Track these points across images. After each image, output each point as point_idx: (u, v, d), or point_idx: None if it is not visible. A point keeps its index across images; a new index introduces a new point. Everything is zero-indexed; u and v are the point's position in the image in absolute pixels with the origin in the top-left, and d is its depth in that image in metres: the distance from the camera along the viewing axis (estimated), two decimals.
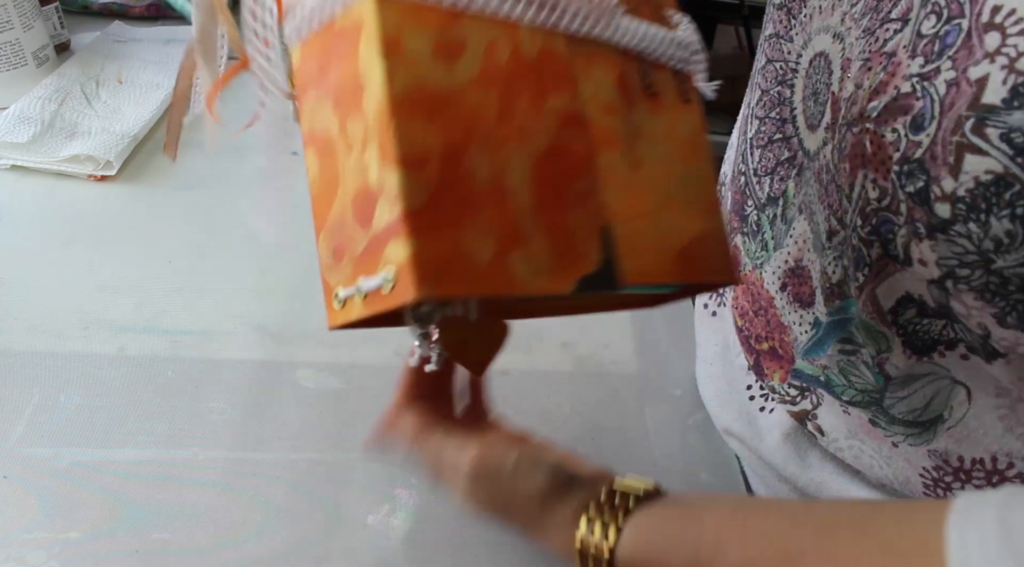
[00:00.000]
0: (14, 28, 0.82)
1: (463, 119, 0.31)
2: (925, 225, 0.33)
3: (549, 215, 0.32)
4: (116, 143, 0.77)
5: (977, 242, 0.32)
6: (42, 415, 0.55)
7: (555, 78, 0.35)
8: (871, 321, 0.40)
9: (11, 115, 0.79)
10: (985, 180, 0.30)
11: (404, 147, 0.28)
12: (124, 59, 0.91)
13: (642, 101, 0.38)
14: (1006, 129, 0.29)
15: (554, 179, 0.33)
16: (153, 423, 0.55)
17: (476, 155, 0.31)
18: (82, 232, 0.71)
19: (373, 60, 0.30)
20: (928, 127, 0.32)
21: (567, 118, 0.34)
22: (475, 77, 0.32)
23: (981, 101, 0.30)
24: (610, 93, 0.36)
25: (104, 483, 0.52)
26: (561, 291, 0.31)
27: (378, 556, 0.49)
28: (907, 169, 0.33)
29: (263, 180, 0.79)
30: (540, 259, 0.31)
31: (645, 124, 0.37)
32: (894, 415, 0.43)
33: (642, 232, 0.35)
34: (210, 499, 0.51)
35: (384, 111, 0.29)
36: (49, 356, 0.59)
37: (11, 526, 0.49)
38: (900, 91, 0.34)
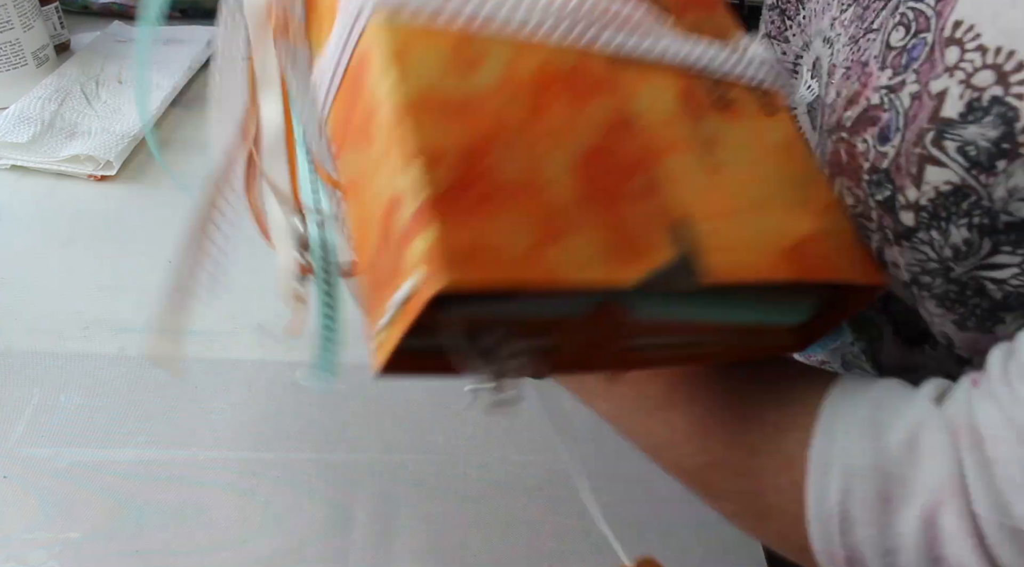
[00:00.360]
0: (14, 28, 0.82)
1: (482, 122, 0.29)
2: (893, 232, 0.34)
3: (599, 209, 0.30)
4: (116, 143, 0.77)
5: (938, 249, 0.33)
6: (42, 415, 0.55)
7: (593, 89, 0.33)
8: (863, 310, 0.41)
9: (11, 115, 0.79)
10: (944, 190, 0.31)
11: (416, 142, 0.27)
12: (124, 59, 0.91)
13: (713, 112, 0.36)
14: (961, 142, 0.30)
15: (604, 176, 0.31)
16: (153, 423, 0.55)
17: (502, 153, 0.29)
18: (82, 232, 0.71)
19: (380, 76, 0.29)
20: (893, 139, 0.33)
21: (614, 122, 0.33)
22: (495, 87, 0.30)
23: (940, 114, 0.31)
24: (670, 105, 0.35)
25: (104, 483, 0.52)
26: (623, 283, 0.29)
27: (378, 556, 0.49)
28: (875, 178, 0.34)
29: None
30: (591, 251, 0.29)
31: (720, 132, 0.35)
32: None
33: (730, 230, 0.32)
34: (210, 499, 0.51)
35: (393, 117, 0.28)
36: (49, 356, 0.59)
37: (11, 526, 0.49)
38: (870, 102, 0.35)
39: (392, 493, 0.52)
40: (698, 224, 0.31)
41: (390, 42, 0.29)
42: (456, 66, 0.30)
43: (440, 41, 0.30)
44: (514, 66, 0.31)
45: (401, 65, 0.29)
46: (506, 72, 0.31)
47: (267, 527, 0.50)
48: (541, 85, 0.31)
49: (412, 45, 0.30)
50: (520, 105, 0.30)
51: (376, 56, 0.29)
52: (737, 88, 0.37)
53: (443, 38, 0.30)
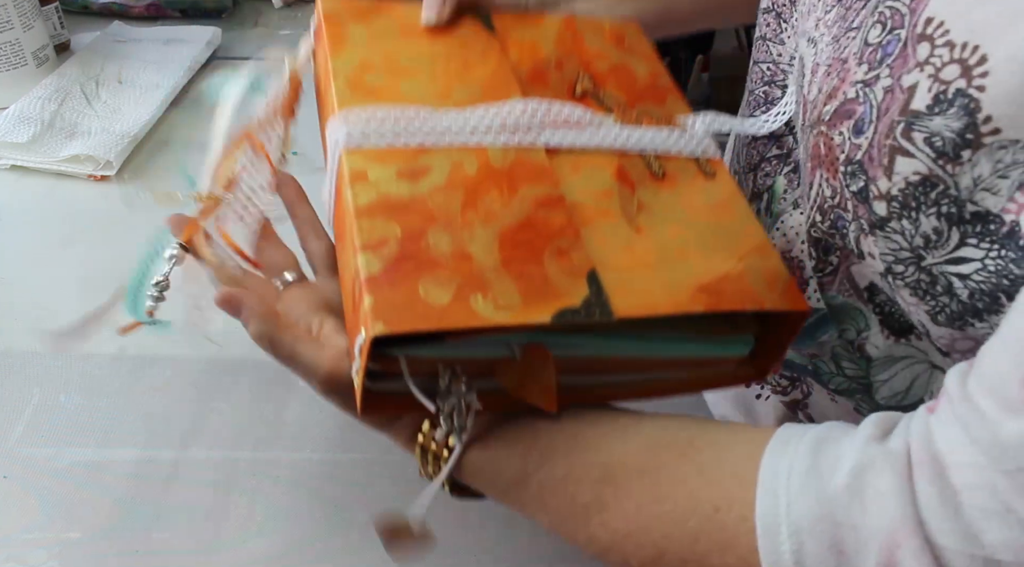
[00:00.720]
0: (14, 28, 0.82)
1: (424, 213, 0.39)
2: (867, 222, 0.35)
3: (519, 267, 0.37)
4: (116, 143, 0.77)
5: (909, 238, 0.34)
6: (42, 415, 0.55)
7: (531, 177, 0.42)
8: (849, 299, 0.41)
9: (11, 115, 0.79)
10: (913, 180, 0.32)
11: (362, 238, 0.37)
12: (124, 59, 0.91)
13: (650, 183, 0.44)
14: (928, 133, 0.32)
15: (526, 243, 0.39)
16: (153, 423, 0.55)
17: (436, 234, 0.38)
18: (82, 232, 0.71)
19: (346, 191, 0.39)
20: (867, 131, 0.34)
21: (544, 201, 0.41)
22: (440, 186, 0.40)
23: (910, 107, 0.32)
24: (605, 182, 0.43)
25: (104, 483, 0.52)
26: (534, 321, 0.35)
27: (378, 556, 0.49)
28: (850, 169, 0.35)
29: None
30: (506, 299, 0.36)
31: (653, 199, 0.43)
32: (878, 401, 0.44)
33: (644, 276, 0.39)
34: (210, 499, 0.51)
35: (353, 220, 0.38)
36: (49, 356, 0.59)
37: (11, 526, 0.49)
38: (847, 96, 0.36)
39: (392, 493, 0.52)
40: (612, 272, 0.38)
41: (352, 166, 0.40)
42: (405, 176, 0.40)
43: (393, 160, 0.41)
44: (457, 170, 0.41)
45: (359, 183, 0.40)
46: (450, 175, 0.41)
47: (267, 527, 0.50)
48: (479, 181, 0.41)
49: (370, 166, 0.41)
50: (456, 199, 0.40)
51: (344, 176, 0.40)
52: (677, 160, 0.46)
53: (397, 156, 0.41)
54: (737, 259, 0.41)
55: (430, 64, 0.48)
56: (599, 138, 0.45)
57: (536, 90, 0.48)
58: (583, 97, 0.49)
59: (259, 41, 1.02)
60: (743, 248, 0.42)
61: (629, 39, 0.55)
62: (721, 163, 0.47)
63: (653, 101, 0.49)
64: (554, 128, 0.45)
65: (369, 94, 0.45)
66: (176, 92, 0.88)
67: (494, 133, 0.43)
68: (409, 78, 0.47)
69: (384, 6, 0.52)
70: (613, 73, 0.51)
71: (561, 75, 0.50)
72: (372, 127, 0.42)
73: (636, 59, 0.53)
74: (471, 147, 0.43)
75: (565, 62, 0.51)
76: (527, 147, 0.43)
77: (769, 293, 0.40)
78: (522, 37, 0.52)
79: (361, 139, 0.42)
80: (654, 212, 0.43)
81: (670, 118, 0.48)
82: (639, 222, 0.42)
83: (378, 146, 0.42)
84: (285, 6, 1.09)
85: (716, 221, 0.43)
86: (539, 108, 0.45)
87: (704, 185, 0.45)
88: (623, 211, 0.42)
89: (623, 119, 0.47)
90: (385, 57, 0.48)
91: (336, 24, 0.50)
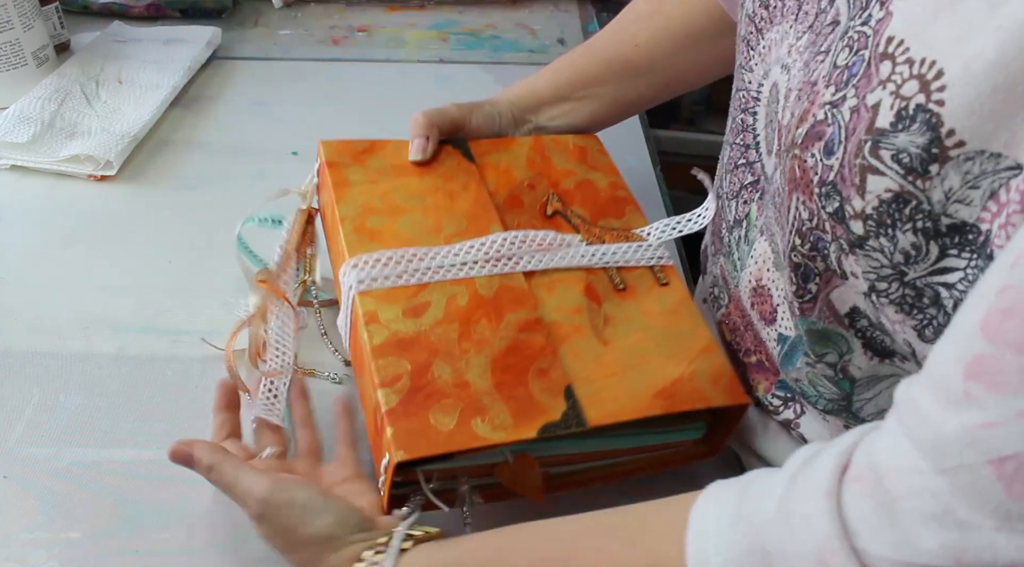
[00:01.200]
0: (14, 28, 0.82)
1: (428, 347, 0.47)
2: (846, 242, 0.35)
3: (508, 390, 0.46)
4: (116, 143, 0.77)
5: (889, 255, 0.34)
6: (42, 415, 0.55)
7: (513, 302, 0.50)
8: (830, 326, 0.41)
9: (11, 115, 0.79)
10: (886, 197, 0.33)
11: (380, 375, 0.46)
12: (124, 59, 0.91)
13: (614, 296, 0.53)
14: (895, 150, 0.32)
15: (513, 366, 0.47)
16: (153, 423, 0.55)
17: (439, 366, 0.46)
18: (82, 232, 0.71)
19: (362, 331, 0.48)
20: (837, 151, 0.34)
21: (526, 324, 0.49)
22: (439, 320, 0.49)
23: (875, 125, 0.33)
24: (576, 300, 0.52)
25: (104, 483, 0.52)
26: (522, 437, 0.44)
27: None
28: (824, 191, 0.35)
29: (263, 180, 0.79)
30: (500, 419, 0.44)
31: (616, 311, 0.52)
32: (864, 418, 0.44)
33: (611, 386, 0.47)
34: (210, 499, 0.51)
35: (370, 358, 0.46)
36: (49, 356, 0.59)
37: (11, 526, 0.49)
38: (816, 118, 0.36)
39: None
40: (585, 385, 0.47)
41: (365, 308, 0.49)
42: (409, 314, 0.49)
43: (399, 298, 0.50)
44: (451, 303, 0.50)
45: (372, 324, 0.48)
46: (446, 309, 0.49)
47: None
48: (470, 311, 0.49)
49: (380, 308, 0.49)
50: (452, 330, 0.48)
51: (359, 317, 0.49)
52: (636, 271, 0.54)
53: (401, 295, 0.50)
54: (688, 362, 0.49)
55: (421, 201, 0.56)
56: (568, 258, 0.54)
57: (513, 214, 0.57)
58: (553, 216, 0.58)
59: (259, 41, 1.02)
60: (693, 351, 0.50)
61: (591, 154, 0.64)
62: (673, 270, 0.55)
63: (614, 215, 0.58)
64: (531, 254, 0.53)
65: (372, 237, 0.53)
66: (176, 92, 0.88)
67: (480, 265, 0.52)
68: (404, 216, 0.55)
69: (378, 144, 0.61)
70: (579, 189, 0.60)
71: (534, 196, 0.59)
72: (379, 271, 0.51)
73: (598, 174, 0.62)
74: (461, 279, 0.51)
75: (536, 183, 0.60)
76: (508, 274, 0.52)
77: (715, 391, 0.48)
78: (498, 161, 0.61)
79: (371, 283, 0.50)
80: (618, 324, 0.51)
81: (628, 230, 0.57)
82: (606, 335, 0.50)
83: (384, 287, 0.50)
84: (285, 6, 1.09)
85: (670, 327, 0.51)
86: (516, 237, 0.54)
87: (659, 293, 0.53)
88: (592, 326, 0.50)
89: (588, 237, 0.56)
90: (382, 198, 0.56)
91: (338, 169, 0.58)
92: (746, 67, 0.49)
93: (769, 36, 0.46)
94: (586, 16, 1.12)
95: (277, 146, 0.83)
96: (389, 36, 1.05)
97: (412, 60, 1.00)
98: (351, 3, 1.11)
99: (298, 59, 0.99)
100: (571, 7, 1.14)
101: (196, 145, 0.83)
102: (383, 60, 1.00)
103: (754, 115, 0.49)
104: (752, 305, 0.48)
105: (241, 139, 0.84)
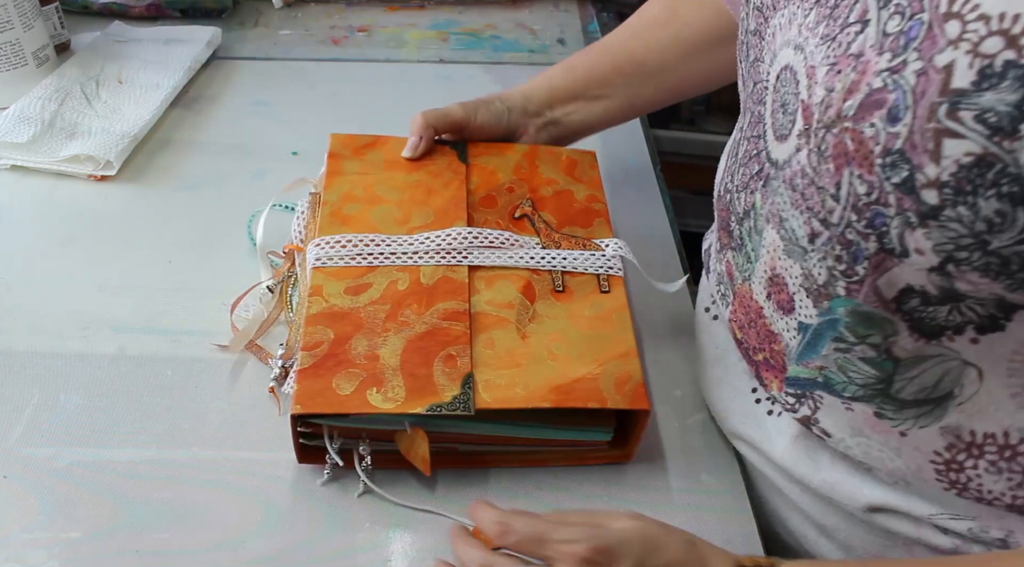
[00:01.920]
0: (14, 28, 0.82)
1: (355, 322, 0.52)
2: (916, 213, 0.34)
3: (411, 369, 0.50)
4: (116, 143, 0.77)
5: (969, 224, 0.32)
6: (42, 415, 0.55)
7: (448, 292, 0.54)
8: (875, 310, 0.40)
9: (11, 115, 0.79)
10: (966, 162, 0.31)
11: (306, 339, 0.51)
12: (124, 59, 0.91)
13: (548, 296, 0.56)
14: (979, 110, 0.30)
15: (424, 349, 0.51)
16: (153, 423, 0.55)
17: (358, 339, 0.51)
18: (82, 232, 0.71)
19: (305, 301, 0.54)
20: (904, 117, 0.33)
21: (452, 314, 0.53)
22: (374, 300, 0.54)
23: (951, 86, 0.31)
24: (511, 296, 0.55)
25: (104, 483, 0.52)
26: (409, 411, 0.48)
27: (378, 556, 0.49)
28: (890, 161, 0.34)
29: (263, 180, 0.79)
30: (394, 393, 0.49)
31: (545, 310, 0.55)
32: (904, 398, 0.43)
33: (510, 377, 0.50)
34: (210, 499, 0.51)
35: (303, 325, 0.52)
36: (49, 356, 0.59)
37: (11, 526, 0.49)
38: (872, 87, 0.35)
39: (391, 493, 0.52)
40: (487, 373, 0.50)
41: (314, 282, 0.54)
42: (350, 291, 0.54)
43: (346, 277, 0.55)
44: (391, 287, 0.55)
45: (315, 296, 0.54)
46: (384, 291, 0.54)
47: (267, 527, 0.50)
48: (405, 296, 0.54)
49: (326, 283, 0.55)
50: (382, 311, 0.53)
51: (309, 288, 0.54)
52: (582, 277, 0.58)
53: (350, 274, 0.55)
54: (598, 364, 0.52)
55: (399, 193, 0.61)
56: (516, 259, 0.58)
57: (482, 212, 0.61)
58: (520, 219, 0.61)
59: (259, 41, 1.02)
60: (607, 355, 0.53)
61: (580, 167, 0.67)
62: (620, 280, 0.58)
63: (581, 224, 0.62)
64: (480, 250, 0.57)
65: (344, 222, 0.58)
66: (176, 92, 0.88)
67: (429, 255, 0.56)
68: (379, 206, 0.60)
69: (381, 139, 0.66)
70: (555, 197, 0.63)
71: (509, 199, 0.62)
72: (336, 251, 0.56)
73: (579, 185, 0.65)
74: (408, 267, 0.56)
75: (516, 187, 0.63)
76: (454, 266, 0.56)
77: (615, 394, 0.50)
78: (486, 164, 0.65)
79: (326, 260, 0.56)
80: (542, 322, 0.54)
81: (589, 240, 0.60)
82: (527, 330, 0.53)
83: (338, 266, 0.55)
84: (285, 6, 1.09)
85: (593, 330, 0.54)
86: (470, 234, 0.58)
87: (596, 299, 0.57)
88: (517, 321, 0.54)
89: (546, 241, 0.59)
90: (365, 188, 0.61)
91: (336, 160, 0.63)
92: (761, 59, 0.48)
93: (774, 22, 0.46)
94: (586, 16, 1.12)
95: (277, 146, 0.83)
96: (389, 36, 1.05)
97: (412, 60, 1.00)
98: (351, 3, 1.11)
99: (298, 59, 0.99)
100: (571, 7, 1.14)
101: (196, 145, 0.83)
102: (383, 60, 1.00)
103: (763, 104, 0.48)
104: (769, 295, 0.47)
105: (241, 139, 0.84)
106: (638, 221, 0.76)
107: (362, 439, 0.51)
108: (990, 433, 0.41)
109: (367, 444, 0.51)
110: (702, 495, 0.54)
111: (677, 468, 0.56)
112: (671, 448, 0.57)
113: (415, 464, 0.51)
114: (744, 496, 0.55)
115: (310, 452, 0.52)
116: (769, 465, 0.54)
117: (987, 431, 0.41)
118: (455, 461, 0.53)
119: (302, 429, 0.50)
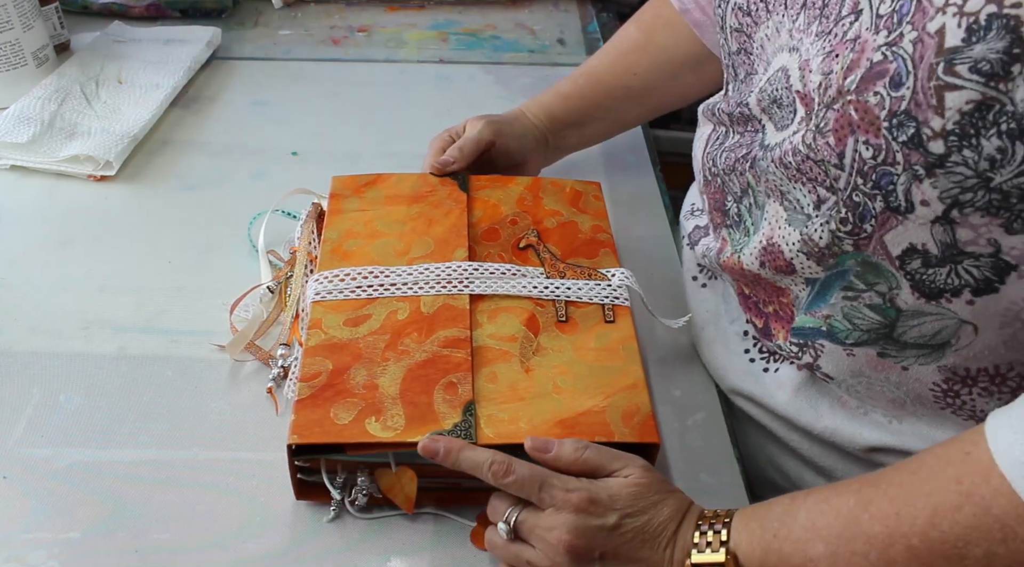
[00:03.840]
0: (14, 28, 0.82)
1: (354, 352, 0.52)
2: (923, 166, 0.37)
3: (412, 397, 0.49)
4: (116, 143, 0.77)
5: (974, 165, 0.36)
6: (42, 415, 0.55)
7: (449, 320, 0.53)
8: (882, 262, 0.43)
9: (11, 115, 0.79)
10: (967, 109, 0.35)
11: (304, 370, 0.50)
12: (124, 59, 0.91)
13: (552, 328, 0.55)
14: (972, 62, 0.34)
15: (424, 376, 0.50)
16: (153, 423, 0.55)
17: (357, 370, 0.51)
18: (82, 232, 0.71)
19: (305, 334, 0.54)
20: (907, 81, 0.36)
21: (453, 341, 0.52)
22: (374, 330, 0.53)
23: (944, 46, 0.35)
24: (514, 328, 0.54)
25: (104, 483, 0.52)
26: (410, 439, 0.47)
27: (378, 556, 0.49)
28: (896, 121, 0.37)
29: (263, 180, 0.79)
30: (394, 421, 0.48)
31: (550, 343, 0.54)
32: (906, 341, 0.46)
33: (514, 410, 0.49)
34: (210, 499, 0.51)
35: (301, 357, 0.52)
36: (49, 356, 0.59)
37: (11, 526, 0.49)
38: (873, 61, 0.38)
39: None
40: (490, 405, 0.49)
41: (313, 315, 0.54)
42: (349, 323, 0.54)
43: (345, 309, 0.55)
44: (391, 317, 0.54)
45: (314, 329, 0.53)
46: (384, 322, 0.54)
47: (267, 527, 0.50)
48: (405, 325, 0.53)
49: (325, 316, 0.54)
50: (382, 341, 0.52)
51: (308, 322, 0.54)
52: (587, 307, 0.56)
53: (349, 306, 0.55)
54: (604, 397, 0.50)
55: (400, 226, 0.61)
56: (519, 288, 0.56)
57: (485, 245, 0.60)
58: (525, 249, 0.60)
59: (259, 41, 1.02)
60: (614, 387, 0.51)
61: (585, 198, 0.66)
62: (626, 310, 0.57)
63: (586, 255, 0.60)
64: (483, 279, 0.56)
65: (344, 257, 0.58)
66: (176, 92, 0.88)
67: (429, 285, 0.56)
68: (379, 240, 0.59)
69: (383, 177, 0.66)
70: (560, 228, 0.62)
71: (513, 231, 0.62)
72: (335, 284, 0.56)
73: (584, 216, 0.64)
74: (408, 296, 0.55)
75: (520, 220, 0.63)
76: (455, 295, 0.55)
77: (623, 427, 0.49)
78: (489, 196, 0.65)
79: (326, 295, 0.55)
80: (547, 354, 0.53)
81: (594, 270, 0.59)
82: (531, 364, 0.52)
83: (337, 299, 0.55)
84: (285, 6, 1.09)
85: (599, 362, 0.53)
86: (471, 265, 0.57)
87: (601, 330, 0.55)
88: (520, 354, 0.53)
89: (550, 271, 0.58)
90: (366, 224, 0.61)
91: (337, 200, 0.64)
92: (754, 71, 0.51)
93: (759, 36, 0.49)
94: (586, 16, 1.12)
95: (277, 146, 0.83)
96: (389, 36, 1.05)
97: (412, 60, 1.00)
98: (351, 3, 1.11)
99: (298, 59, 0.99)
100: (571, 7, 1.14)
101: (196, 145, 0.83)
102: (383, 60, 1.00)
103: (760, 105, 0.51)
104: (763, 264, 0.51)
105: (241, 139, 0.84)
106: (638, 221, 0.76)
107: (360, 470, 0.49)
108: (983, 368, 0.46)
109: (367, 476, 0.49)
110: (702, 495, 0.54)
111: (677, 468, 0.56)
112: (671, 448, 0.57)
113: (396, 503, 0.50)
114: (744, 496, 0.55)
115: (308, 488, 0.50)
116: (768, 416, 0.59)
117: (981, 366, 0.46)
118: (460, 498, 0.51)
119: (299, 464, 0.49)
